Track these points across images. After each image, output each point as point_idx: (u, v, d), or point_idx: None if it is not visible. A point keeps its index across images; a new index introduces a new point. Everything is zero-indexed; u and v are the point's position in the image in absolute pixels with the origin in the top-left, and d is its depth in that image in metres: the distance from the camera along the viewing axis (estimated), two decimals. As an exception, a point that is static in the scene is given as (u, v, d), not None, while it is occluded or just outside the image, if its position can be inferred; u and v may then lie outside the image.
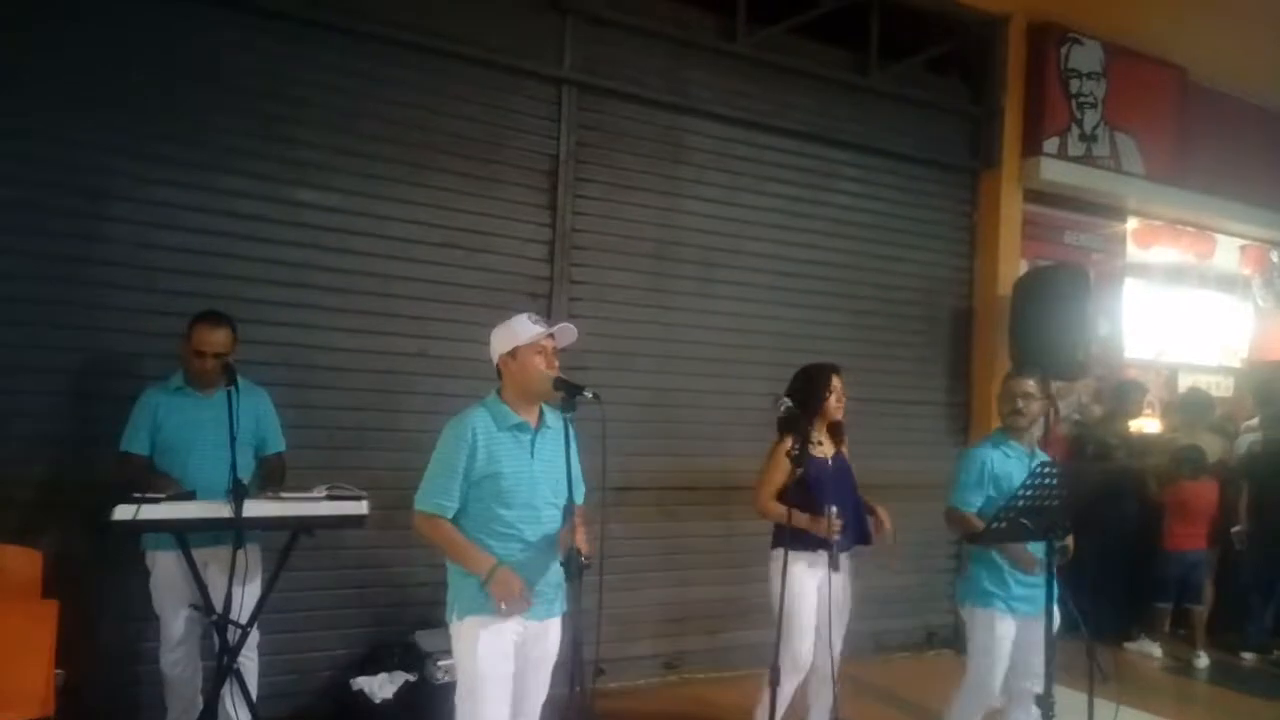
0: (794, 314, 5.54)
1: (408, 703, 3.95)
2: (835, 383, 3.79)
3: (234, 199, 4.13)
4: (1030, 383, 3.70)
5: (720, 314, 5.33)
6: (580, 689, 2.68)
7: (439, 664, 3.92)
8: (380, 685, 3.99)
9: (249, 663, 3.54)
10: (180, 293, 3.90)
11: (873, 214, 5.90)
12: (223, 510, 3.15)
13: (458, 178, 4.62)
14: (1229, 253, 8.02)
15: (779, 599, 3.49)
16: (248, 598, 3.38)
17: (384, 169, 4.45)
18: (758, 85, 5.45)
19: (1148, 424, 7.10)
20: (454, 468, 2.76)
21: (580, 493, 3.00)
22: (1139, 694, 4.87)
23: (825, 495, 3.56)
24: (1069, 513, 3.31)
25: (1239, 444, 6.65)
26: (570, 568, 2.58)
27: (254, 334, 3.89)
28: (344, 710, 4.06)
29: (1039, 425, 6.19)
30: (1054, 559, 3.26)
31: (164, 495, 3.18)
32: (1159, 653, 6.07)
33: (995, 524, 3.36)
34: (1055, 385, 6.07)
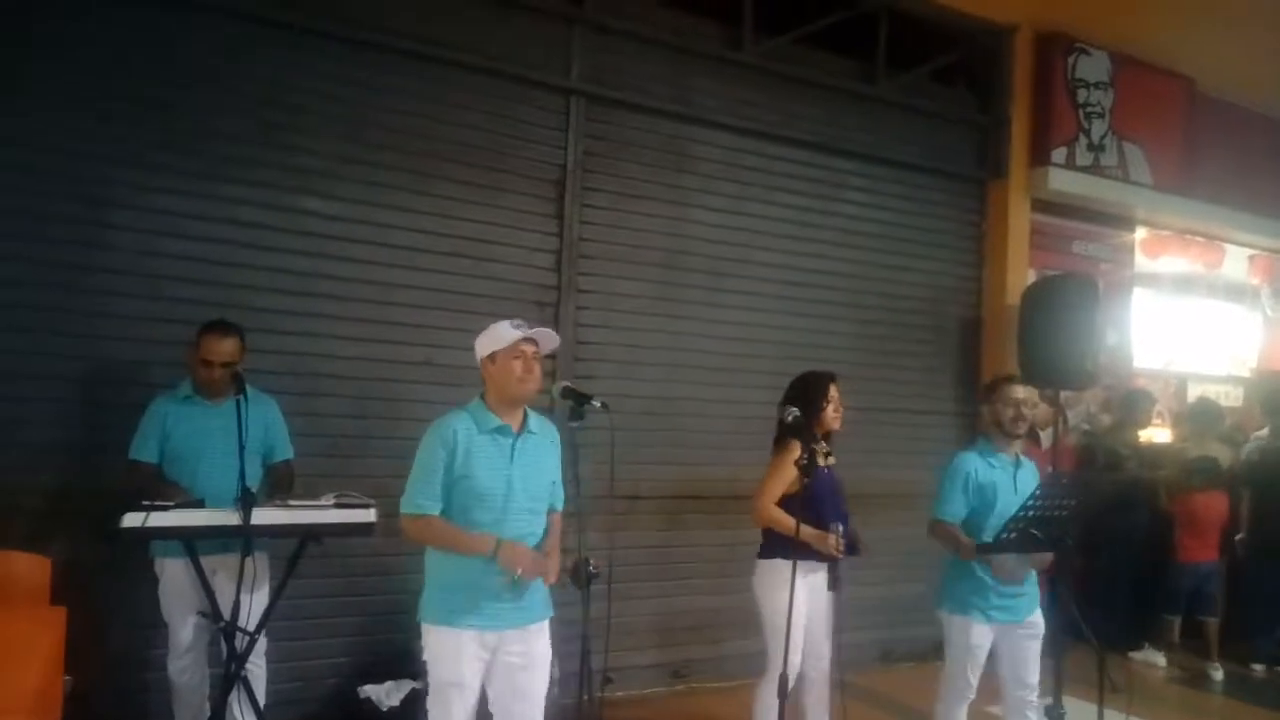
0: (801, 323, 5.54)
1: (414, 710, 3.93)
2: (833, 392, 3.69)
3: (239, 207, 4.14)
4: (1024, 389, 3.70)
5: (727, 323, 5.33)
6: (589, 698, 2.68)
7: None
8: (387, 693, 4.00)
9: (257, 670, 3.54)
10: (185, 300, 3.92)
11: (880, 224, 5.91)
12: (231, 518, 3.14)
13: (464, 187, 4.63)
14: (1237, 262, 8.01)
15: (777, 609, 3.48)
16: (255, 605, 3.37)
17: (390, 178, 4.46)
18: (764, 95, 5.46)
19: (1157, 434, 7.07)
20: (434, 469, 2.78)
21: (560, 499, 3.01)
22: (1149, 705, 4.83)
23: (826, 507, 3.53)
24: (1079, 523, 3.30)
25: (1242, 452, 6.61)
26: (579, 578, 2.58)
27: (261, 343, 3.89)
28: (351, 717, 4.06)
29: (1048, 435, 6.28)
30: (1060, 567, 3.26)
31: (173, 503, 3.18)
32: (1163, 662, 6.03)
33: (1005, 534, 3.36)
34: (1064, 395, 6.11)
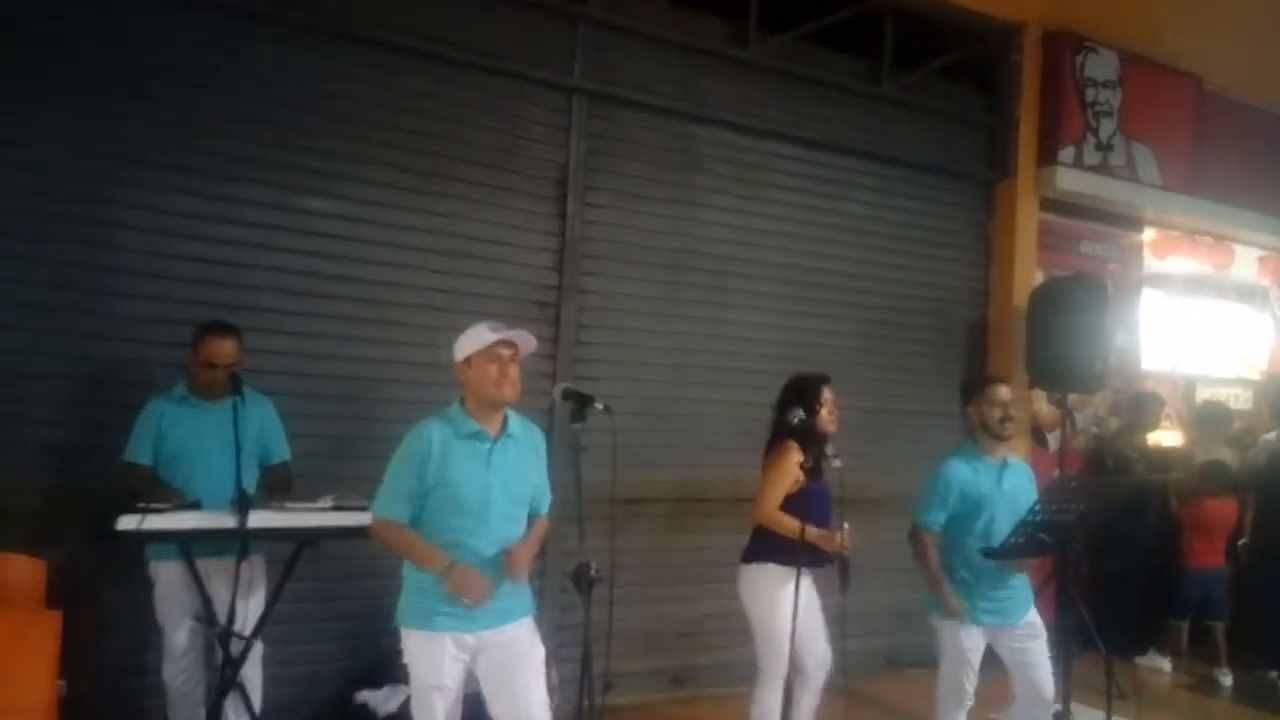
0: (806, 324, 5.49)
1: (410, 716, 3.90)
2: (827, 394, 3.64)
3: (241, 207, 4.10)
4: (1007, 388, 3.68)
5: (730, 324, 5.28)
6: (590, 704, 2.63)
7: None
8: (384, 699, 3.95)
9: (253, 675, 3.50)
10: (188, 301, 3.88)
11: (886, 223, 5.85)
12: (227, 521, 3.11)
13: (467, 186, 4.59)
14: (1247, 263, 7.93)
15: (766, 614, 3.52)
16: (252, 609, 3.36)
17: (392, 177, 4.42)
18: (770, 93, 5.41)
19: (1167, 436, 7.01)
20: (406, 476, 2.75)
21: (547, 503, 2.98)
22: (1157, 711, 4.78)
23: (820, 509, 3.48)
24: (1088, 527, 3.26)
25: (1249, 455, 6.52)
26: (581, 582, 2.54)
27: (262, 343, 3.86)
28: (348, 724, 4.02)
29: (1055, 437, 6.22)
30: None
31: (168, 505, 3.15)
32: (1168, 667, 5.97)
33: (1013, 539, 3.32)
34: (1071, 397, 6.05)
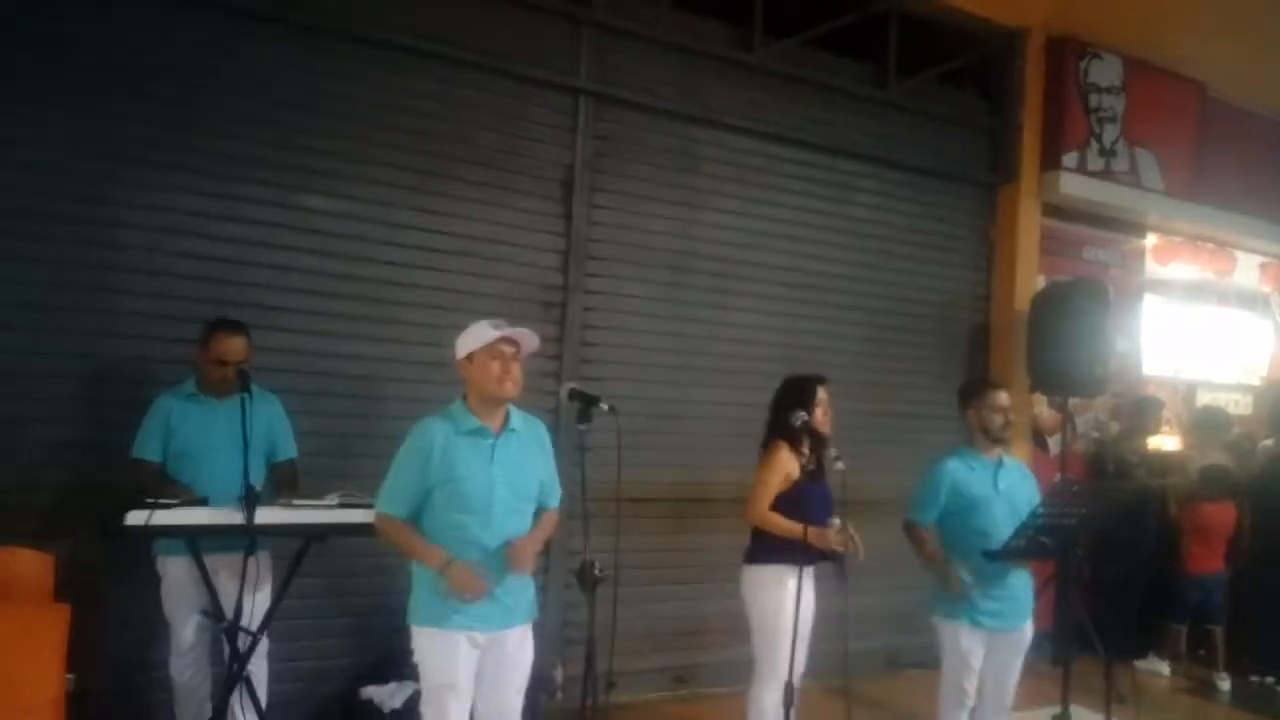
0: (809, 325, 5.52)
1: (416, 712, 3.89)
2: (821, 395, 3.64)
3: (245, 206, 4.12)
4: (1006, 393, 3.72)
5: (734, 325, 5.30)
6: (593, 703, 2.66)
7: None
8: (390, 694, 3.96)
9: (258, 670, 3.52)
10: (194, 299, 3.90)
11: (889, 227, 5.88)
12: (235, 517, 3.13)
13: (472, 186, 4.61)
14: (1249, 270, 7.95)
15: (766, 614, 3.53)
16: (258, 605, 3.38)
17: (397, 177, 4.44)
18: (774, 97, 5.44)
19: (1166, 441, 7.02)
20: (408, 473, 2.78)
21: (556, 497, 3.01)
22: (1155, 716, 4.80)
23: (815, 509, 3.47)
24: (1089, 531, 3.28)
25: (1246, 461, 6.54)
26: (585, 581, 2.56)
27: (267, 341, 3.87)
28: (352, 719, 4.04)
29: (1056, 441, 6.25)
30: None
31: (176, 501, 3.18)
32: (1167, 671, 5.98)
33: (1014, 541, 3.34)
34: (1072, 402, 6.07)
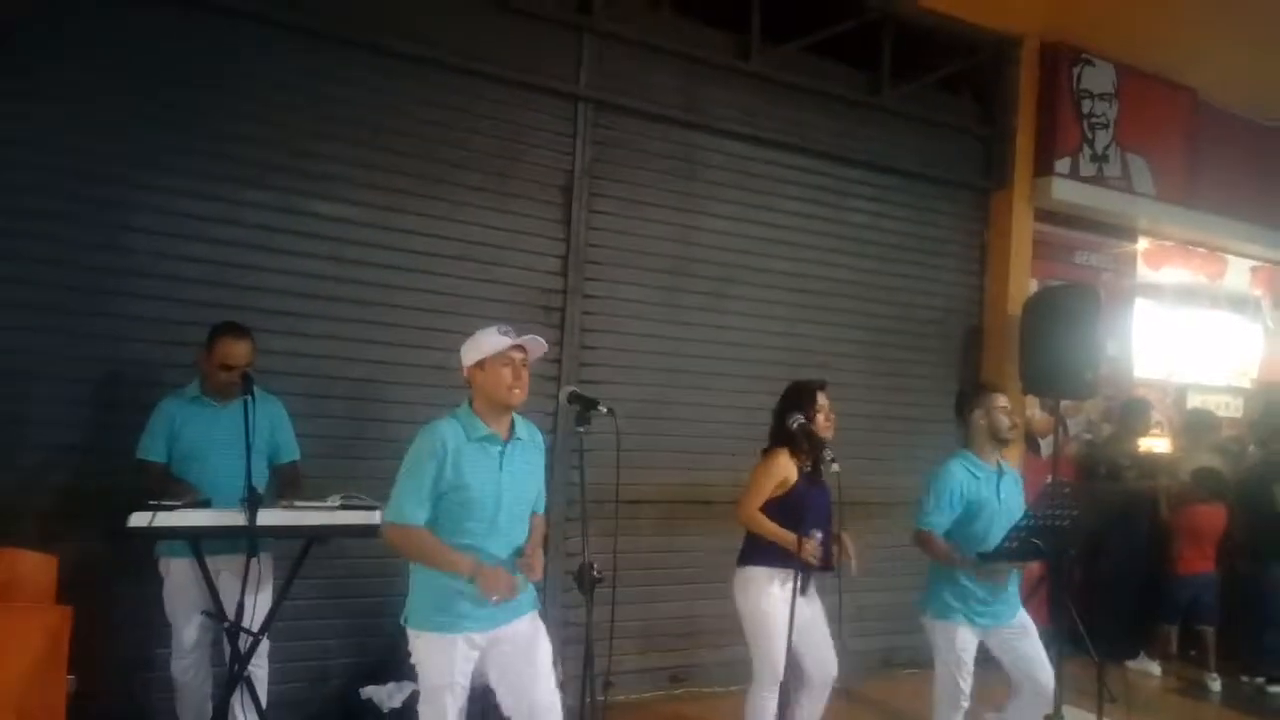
0: (806, 330, 5.57)
1: (415, 712, 3.93)
2: (822, 399, 3.66)
3: (252, 211, 4.16)
4: (1005, 396, 3.77)
5: (732, 329, 5.35)
6: (591, 702, 2.69)
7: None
8: (389, 695, 4.00)
9: (259, 671, 3.55)
10: (200, 303, 3.94)
11: (885, 232, 5.93)
12: (237, 518, 3.16)
13: (473, 192, 4.65)
14: (1239, 274, 8.02)
15: (755, 616, 3.58)
16: (260, 606, 3.40)
17: (399, 182, 4.48)
18: (771, 103, 5.49)
19: (1157, 443, 7.08)
20: (424, 478, 2.76)
21: (542, 502, 3.05)
22: (1147, 716, 4.85)
23: (810, 516, 3.47)
24: (1081, 533, 3.33)
25: (1234, 463, 6.58)
26: (583, 582, 2.60)
27: (271, 345, 3.92)
28: (352, 719, 4.07)
29: (1048, 444, 6.29)
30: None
31: (180, 502, 3.21)
32: (1158, 670, 6.03)
33: (1006, 543, 3.39)
34: (1064, 404, 6.12)
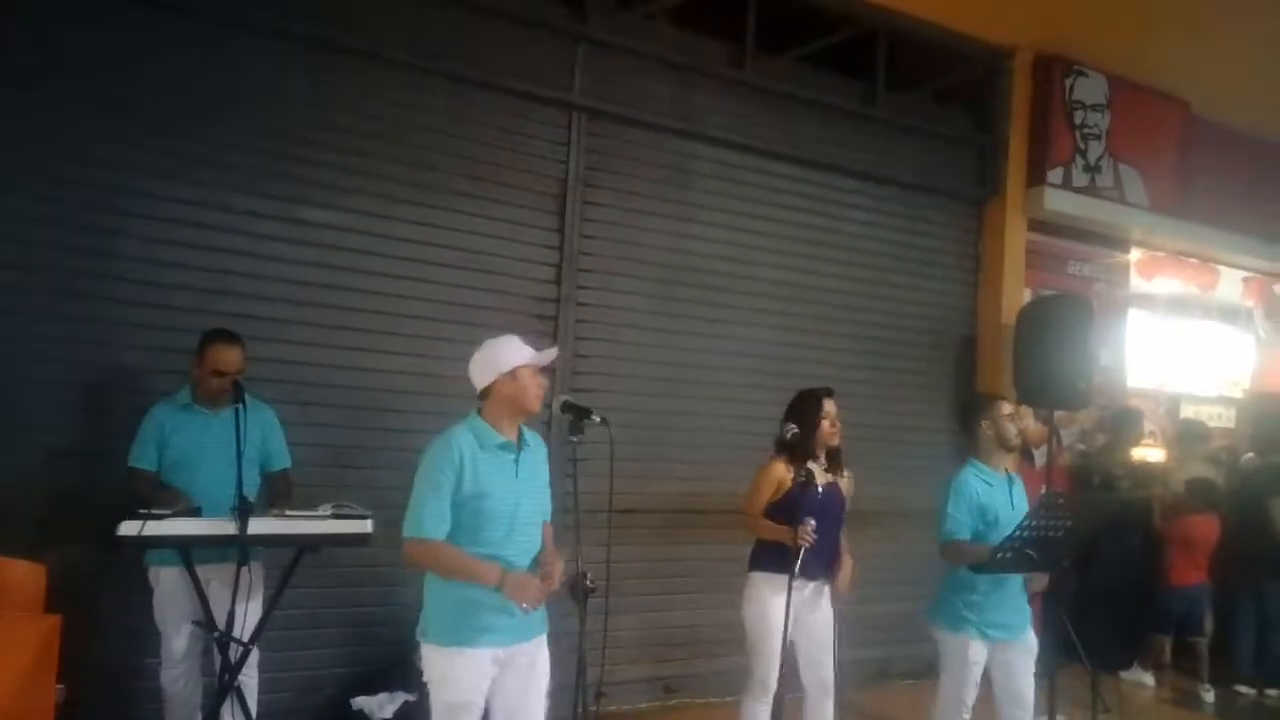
0: (799, 339, 5.57)
1: (408, 724, 3.94)
2: (828, 407, 3.69)
3: (244, 217, 4.16)
4: (1009, 404, 3.78)
5: (725, 338, 5.35)
6: (584, 712, 2.68)
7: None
8: (380, 705, 3.99)
9: (249, 680, 3.53)
10: (191, 310, 3.93)
11: (878, 241, 5.94)
12: (228, 527, 3.15)
13: (467, 199, 4.66)
14: (1231, 284, 8.06)
15: (755, 623, 3.60)
16: (250, 615, 3.38)
17: (394, 190, 4.49)
18: (765, 112, 5.50)
19: (1150, 453, 7.10)
20: (443, 488, 2.73)
21: (550, 509, 3.04)
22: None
23: (802, 516, 3.44)
24: (1075, 543, 3.32)
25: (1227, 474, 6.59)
26: (577, 592, 2.59)
27: (263, 352, 3.91)
28: (343, 729, 4.05)
29: (1041, 454, 6.30)
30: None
31: (170, 511, 3.19)
32: (1151, 682, 6.03)
33: (1001, 554, 3.38)
34: (1057, 414, 6.13)
